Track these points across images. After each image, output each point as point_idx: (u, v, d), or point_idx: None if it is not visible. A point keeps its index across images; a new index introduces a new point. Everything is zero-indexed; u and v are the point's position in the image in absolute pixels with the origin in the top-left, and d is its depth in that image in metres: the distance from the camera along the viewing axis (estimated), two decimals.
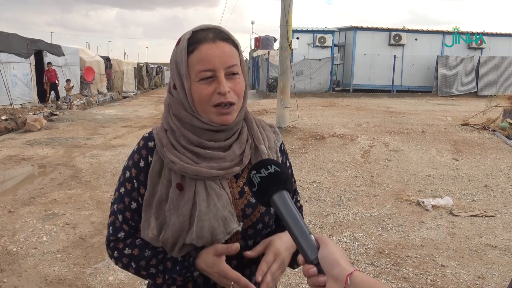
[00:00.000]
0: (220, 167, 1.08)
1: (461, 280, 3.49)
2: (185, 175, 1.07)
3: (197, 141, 1.09)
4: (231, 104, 1.06)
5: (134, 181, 1.12)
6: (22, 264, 3.72)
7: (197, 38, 1.05)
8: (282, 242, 1.11)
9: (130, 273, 1.20)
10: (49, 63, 16.86)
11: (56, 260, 3.81)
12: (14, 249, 4.01)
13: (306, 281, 3.58)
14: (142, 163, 1.12)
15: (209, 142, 1.09)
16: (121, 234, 1.13)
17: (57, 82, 16.69)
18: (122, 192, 1.14)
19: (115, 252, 1.13)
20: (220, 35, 1.06)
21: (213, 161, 1.09)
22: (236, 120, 1.11)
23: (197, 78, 1.05)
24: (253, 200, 1.12)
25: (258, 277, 1.04)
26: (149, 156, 1.12)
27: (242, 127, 1.16)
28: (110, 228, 1.15)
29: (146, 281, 1.18)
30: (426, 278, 3.49)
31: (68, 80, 17.48)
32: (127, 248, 1.11)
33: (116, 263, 1.14)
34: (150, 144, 1.13)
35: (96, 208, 5.21)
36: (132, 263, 1.10)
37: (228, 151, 1.11)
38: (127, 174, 1.14)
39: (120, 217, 1.13)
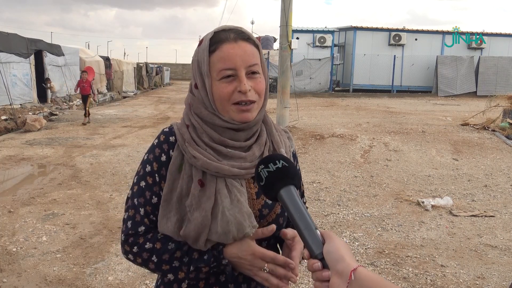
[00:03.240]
0: (241, 167, 1.09)
1: (461, 280, 3.49)
2: (206, 172, 1.08)
3: (219, 139, 1.10)
4: (251, 102, 1.08)
5: (156, 175, 1.12)
6: (21, 264, 3.72)
7: (219, 38, 1.07)
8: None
9: (146, 269, 1.17)
10: (84, 72, 13.96)
11: (55, 260, 3.80)
12: (14, 249, 4.01)
13: (307, 278, 3.58)
14: (163, 158, 1.12)
15: (230, 141, 1.11)
16: (141, 229, 1.11)
17: (91, 94, 13.30)
18: (143, 186, 1.12)
19: (135, 247, 1.10)
20: (241, 35, 1.08)
21: (234, 160, 1.10)
22: (256, 119, 1.12)
23: (218, 77, 1.06)
24: (269, 201, 1.13)
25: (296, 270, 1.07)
26: (171, 150, 1.13)
27: (261, 130, 1.18)
28: (129, 222, 1.12)
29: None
30: (426, 278, 3.49)
31: (47, 79, 16.59)
32: (148, 243, 1.09)
33: (134, 259, 1.12)
34: (172, 139, 1.14)
35: (96, 208, 5.21)
36: (154, 257, 1.08)
37: (248, 152, 1.13)
38: (148, 168, 1.13)
39: (141, 210, 1.11)
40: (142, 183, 1.13)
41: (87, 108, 13.09)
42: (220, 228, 1.03)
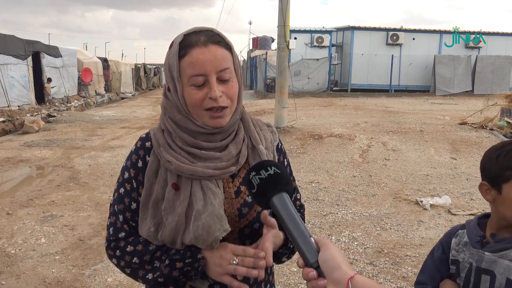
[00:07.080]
0: (216, 167, 1.08)
1: None
2: (181, 175, 1.08)
3: (193, 142, 1.09)
4: (223, 108, 1.06)
5: (133, 181, 1.13)
6: (20, 266, 3.71)
7: (189, 42, 1.05)
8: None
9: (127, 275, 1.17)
10: None
11: (54, 262, 3.80)
12: (13, 251, 4.00)
13: (305, 282, 3.59)
14: (140, 164, 1.13)
15: (205, 143, 1.10)
16: (121, 234, 1.13)
17: None
18: (122, 193, 1.14)
19: (117, 251, 1.11)
20: (212, 38, 1.05)
21: (209, 161, 1.09)
22: (230, 122, 1.11)
23: (189, 83, 1.05)
24: (249, 200, 1.12)
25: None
26: (147, 156, 1.13)
27: (239, 127, 1.16)
28: (111, 229, 1.14)
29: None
30: None
31: (49, 80, 16.44)
32: (129, 246, 1.10)
33: (118, 263, 1.13)
34: (147, 144, 1.14)
35: (95, 209, 5.20)
36: (135, 259, 1.09)
37: (224, 151, 1.12)
38: (126, 175, 1.14)
39: (120, 217, 1.13)
40: (121, 190, 1.14)
41: None
42: (192, 234, 1.02)
